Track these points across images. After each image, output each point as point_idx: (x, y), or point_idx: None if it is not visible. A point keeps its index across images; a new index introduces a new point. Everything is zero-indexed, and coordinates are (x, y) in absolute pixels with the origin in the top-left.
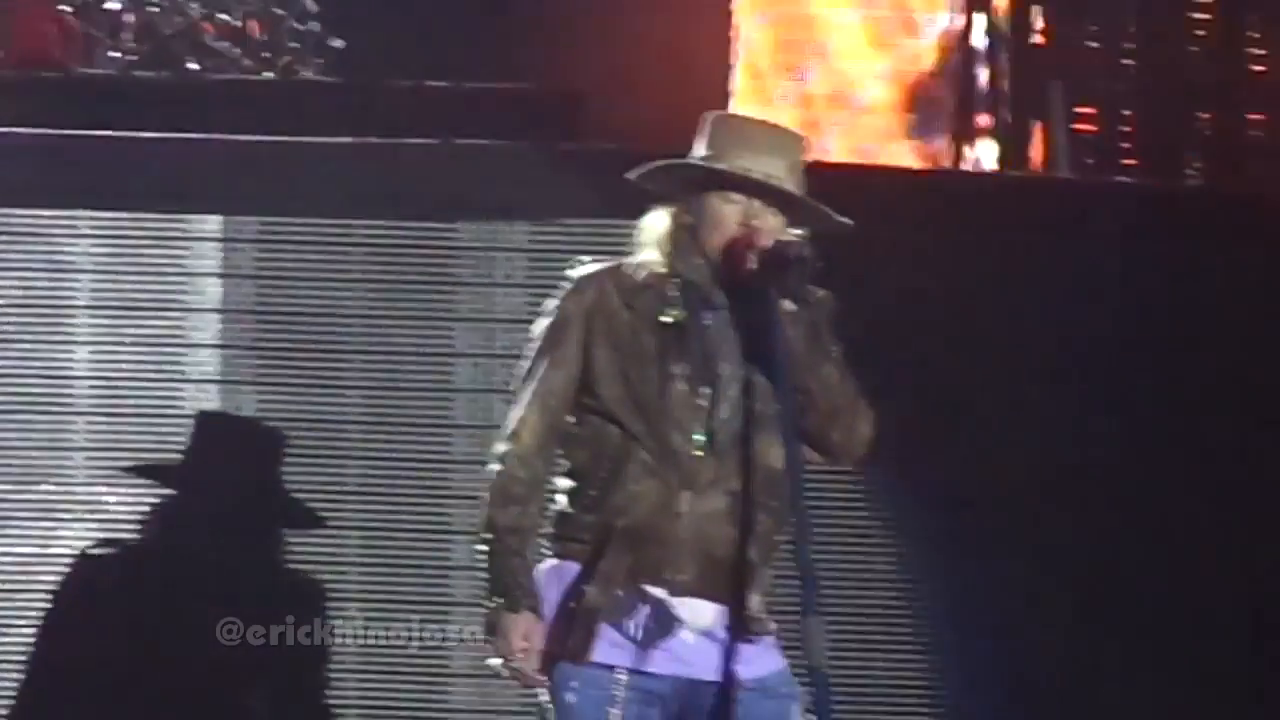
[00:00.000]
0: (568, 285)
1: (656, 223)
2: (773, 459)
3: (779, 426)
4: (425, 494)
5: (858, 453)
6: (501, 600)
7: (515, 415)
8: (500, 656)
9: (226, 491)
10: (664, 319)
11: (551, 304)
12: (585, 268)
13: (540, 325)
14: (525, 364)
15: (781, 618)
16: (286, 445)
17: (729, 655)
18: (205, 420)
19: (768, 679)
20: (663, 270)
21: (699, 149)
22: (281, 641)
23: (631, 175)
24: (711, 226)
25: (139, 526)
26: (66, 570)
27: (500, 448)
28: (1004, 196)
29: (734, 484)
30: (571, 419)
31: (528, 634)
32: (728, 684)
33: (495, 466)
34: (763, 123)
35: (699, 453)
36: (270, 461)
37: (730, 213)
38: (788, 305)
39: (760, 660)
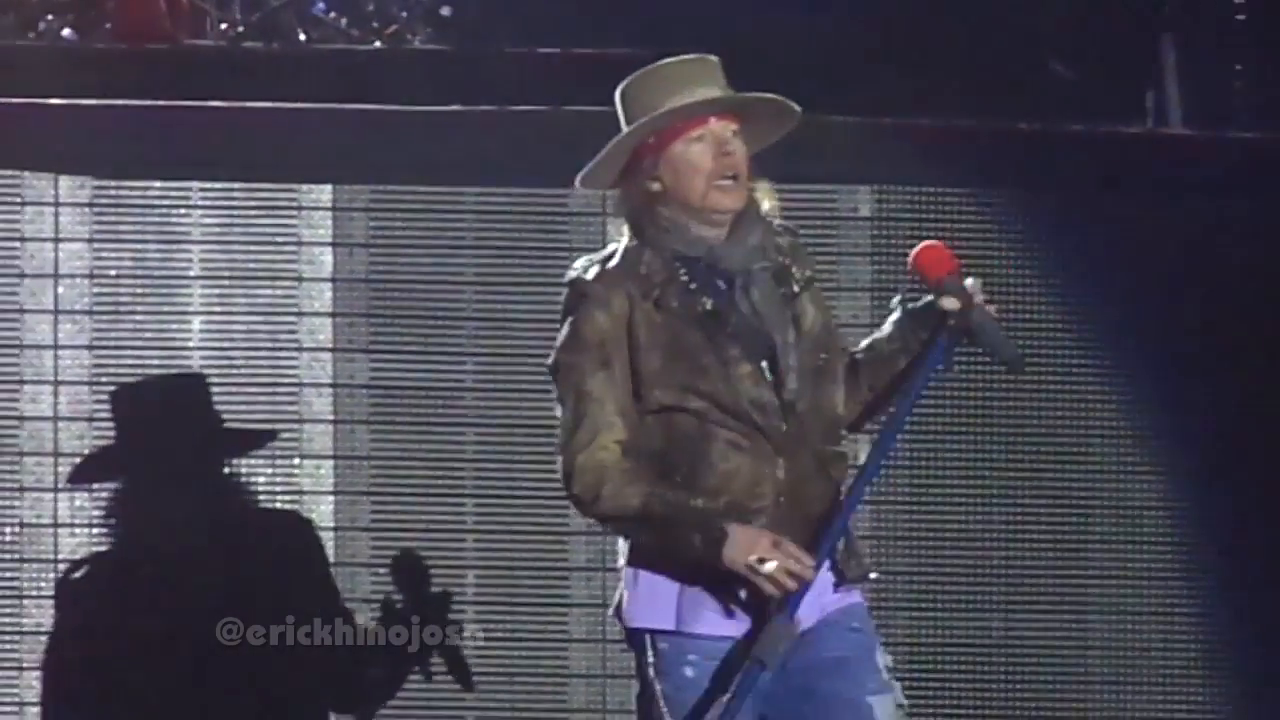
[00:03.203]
0: (588, 297)
1: (629, 206)
2: (836, 405)
3: (835, 371)
4: (541, 458)
5: None
6: (704, 537)
7: (601, 438)
8: (761, 559)
9: (342, 458)
10: (700, 310)
11: (579, 319)
12: (590, 273)
13: (576, 338)
14: (574, 382)
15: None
16: (401, 413)
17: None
18: (319, 388)
19: (851, 609)
20: (661, 254)
21: (626, 122)
22: (406, 602)
23: (579, 181)
24: (689, 174)
25: (258, 495)
26: (176, 534)
27: (598, 474)
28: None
29: (816, 442)
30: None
31: (754, 540)
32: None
33: (606, 488)
34: (670, 62)
35: (781, 423)
36: (385, 429)
37: (699, 151)
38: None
39: (845, 597)
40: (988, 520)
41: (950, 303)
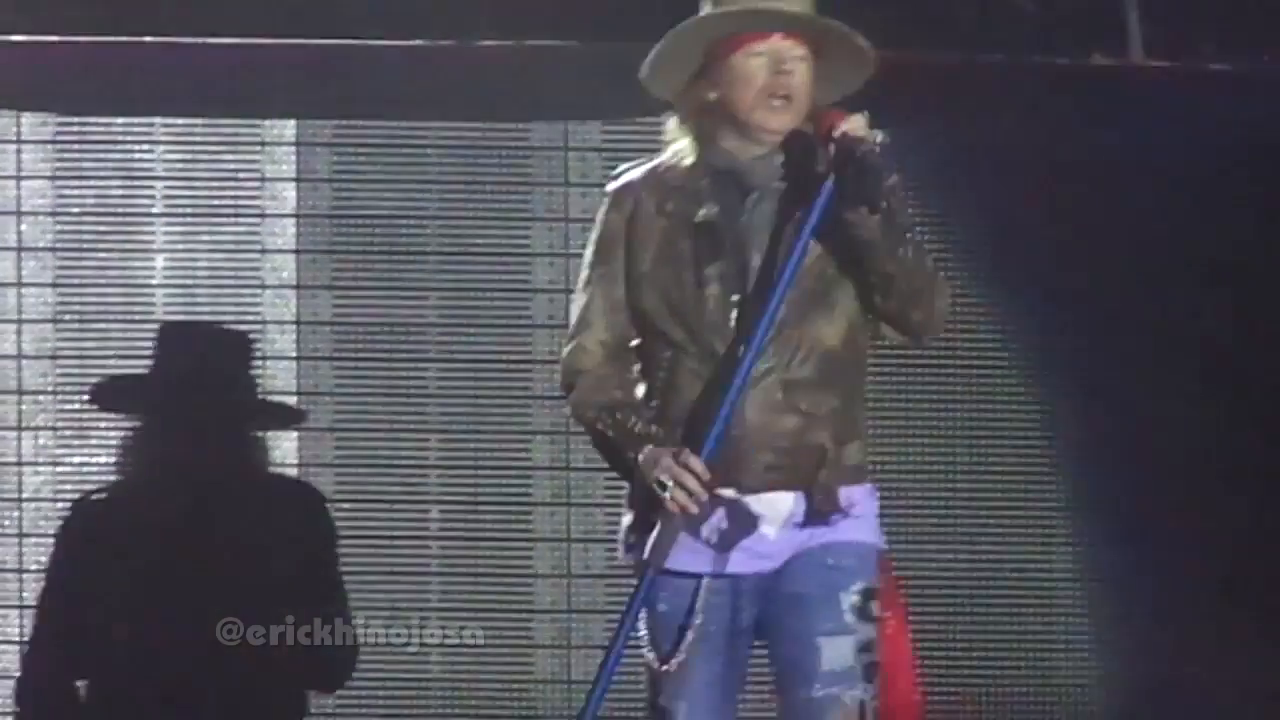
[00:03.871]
0: (608, 198)
1: (681, 110)
2: (829, 338)
3: (836, 303)
4: (506, 394)
5: (938, 329)
6: (628, 460)
7: (581, 337)
8: (665, 481)
9: (305, 394)
10: (697, 219)
11: (598, 220)
12: (622, 176)
13: (591, 238)
14: (581, 284)
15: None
16: (364, 349)
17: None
18: (282, 325)
19: (834, 546)
20: (692, 163)
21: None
22: (366, 534)
23: (641, 76)
24: (741, 86)
25: (221, 432)
26: (140, 472)
27: (571, 376)
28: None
29: (790, 372)
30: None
31: (656, 458)
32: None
33: (573, 394)
34: None
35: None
36: (348, 366)
37: (756, 65)
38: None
39: (833, 533)
40: (951, 452)
41: (832, 149)
